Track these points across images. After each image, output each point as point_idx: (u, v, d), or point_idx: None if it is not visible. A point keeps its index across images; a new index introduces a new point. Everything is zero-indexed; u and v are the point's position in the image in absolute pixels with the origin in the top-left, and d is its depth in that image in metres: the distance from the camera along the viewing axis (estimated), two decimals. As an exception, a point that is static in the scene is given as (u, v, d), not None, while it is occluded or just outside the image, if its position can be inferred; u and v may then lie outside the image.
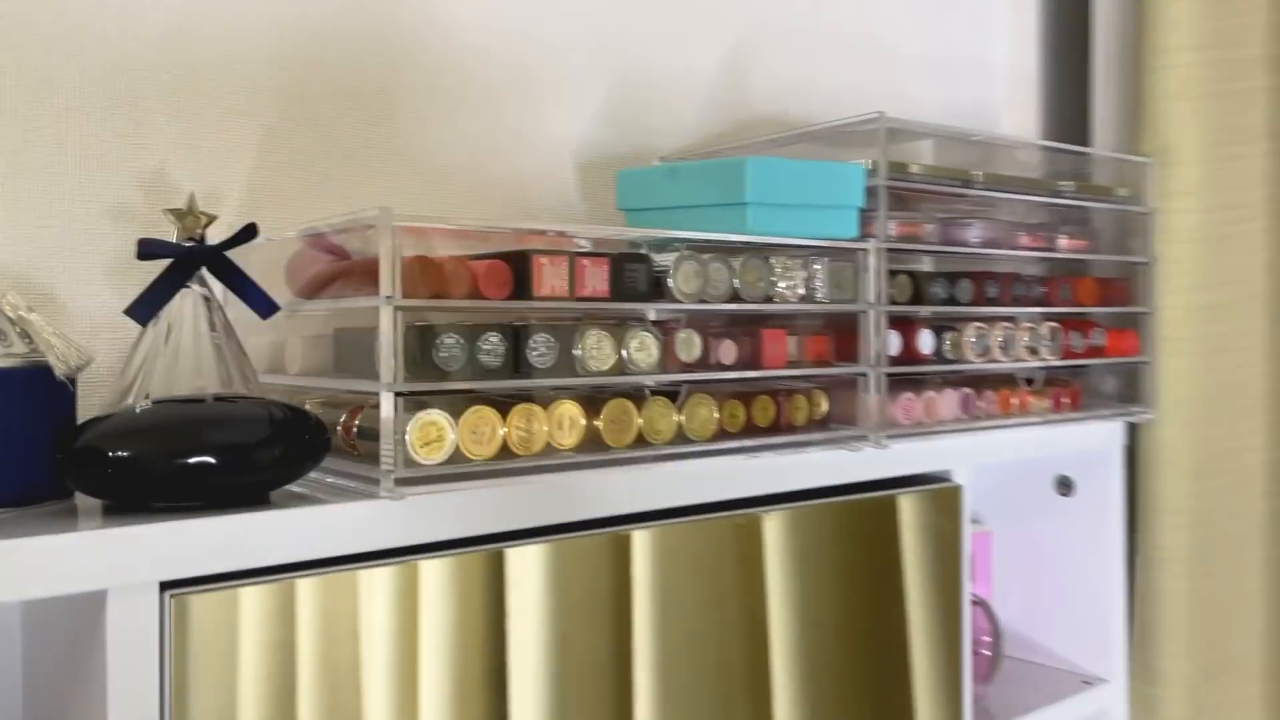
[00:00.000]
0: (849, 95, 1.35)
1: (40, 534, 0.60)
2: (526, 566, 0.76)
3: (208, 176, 0.93)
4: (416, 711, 0.71)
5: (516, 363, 0.76)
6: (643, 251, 0.86)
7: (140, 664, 0.63)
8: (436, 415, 0.72)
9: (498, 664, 0.75)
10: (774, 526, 0.90)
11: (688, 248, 0.87)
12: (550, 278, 0.77)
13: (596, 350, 0.80)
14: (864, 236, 0.98)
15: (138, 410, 0.66)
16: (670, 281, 0.84)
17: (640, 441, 0.83)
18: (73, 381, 0.70)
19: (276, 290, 0.82)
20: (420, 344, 0.72)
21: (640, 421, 0.83)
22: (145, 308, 0.75)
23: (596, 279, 0.80)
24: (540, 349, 0.77)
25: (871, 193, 0.98)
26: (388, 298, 0.69)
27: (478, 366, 0.75)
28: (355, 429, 0.76)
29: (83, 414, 0.72)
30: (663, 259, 0.84)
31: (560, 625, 0.77)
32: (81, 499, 0.71)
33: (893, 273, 1.00)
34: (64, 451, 0.65)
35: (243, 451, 0.67)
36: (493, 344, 0.75)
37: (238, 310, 0.80)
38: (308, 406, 0.82)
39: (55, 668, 0.72)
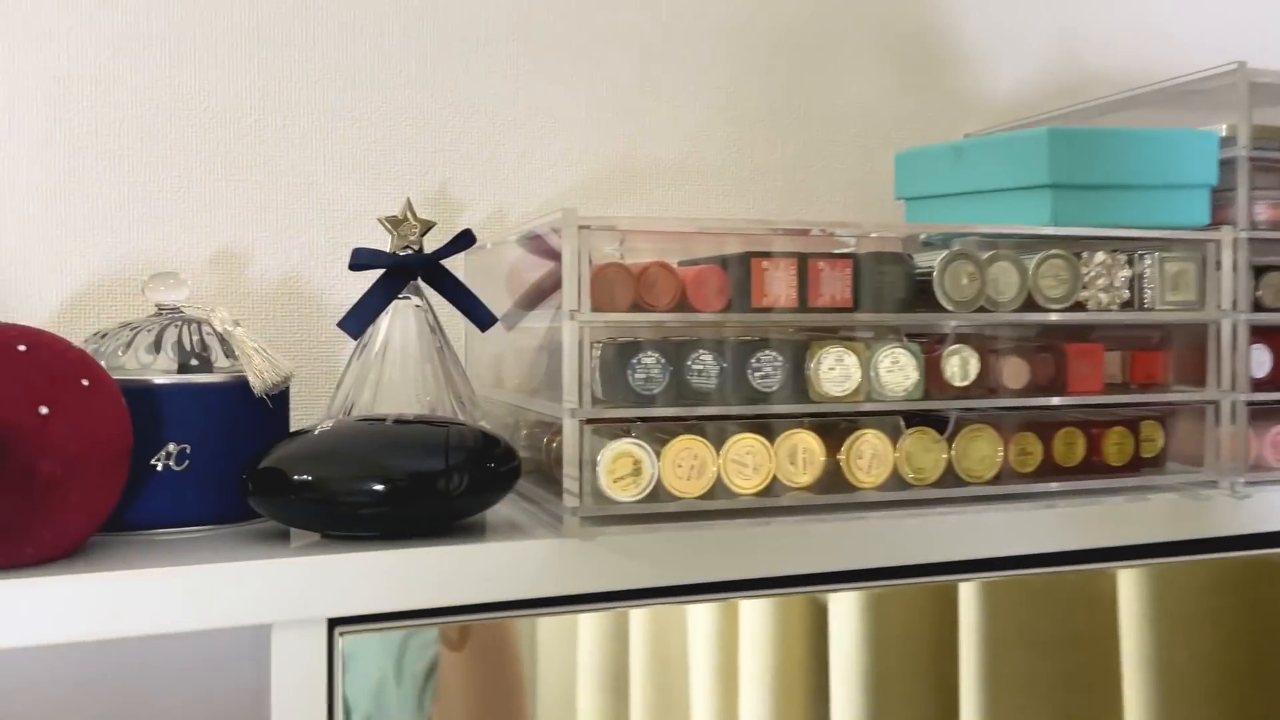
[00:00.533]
0: (1202, 48, 1.08)
1: (210, 561, 0.57)
2: (750, 621, 0.64)
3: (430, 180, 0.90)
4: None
5: (734, 385, 0.65)
6: (900, 251, 0.71)
7: (305, 705, 0.58)
8: (631, 446, 0.63)
9: (705, 739, 0.64)
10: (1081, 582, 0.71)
11: (962, 245, 0.70)
12: (775, 284, 0.65)
13: (834, 371, 0.66)
14: (1216, 224, 0.76)
15: (318, 431, 0.62)
16: (937, 287, 0.68)
17: (895, 481, 0.68)
18: (273, 399, 0.68)
19: (499, 300, 0.77)
20: (616, 363, 0.63)
21: (896, 456, 0.68)
22: (357, 320, 0.72)
23: (836, 285, 0.66)
24: (764, 369, 0.65)
25: (1228, 166, 0.75)
26: (571, 312, 0.61)
27: (686, 389, 0.64)
28: (553, 453, 0.68)
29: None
30: (925, 259, 0.69)
31: (773, 684, 0.65)
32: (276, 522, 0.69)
33: (1258, 270, 0.76)
34: (248, 472, 0.63)
35: (422, 480, 0.61)
36: (704, 363, 0.64)
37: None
38: (521, 427, 0.76)
39: (254, 699, 0.70)
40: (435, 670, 0.60)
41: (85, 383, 0.56)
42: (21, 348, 0.55)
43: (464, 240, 0.74)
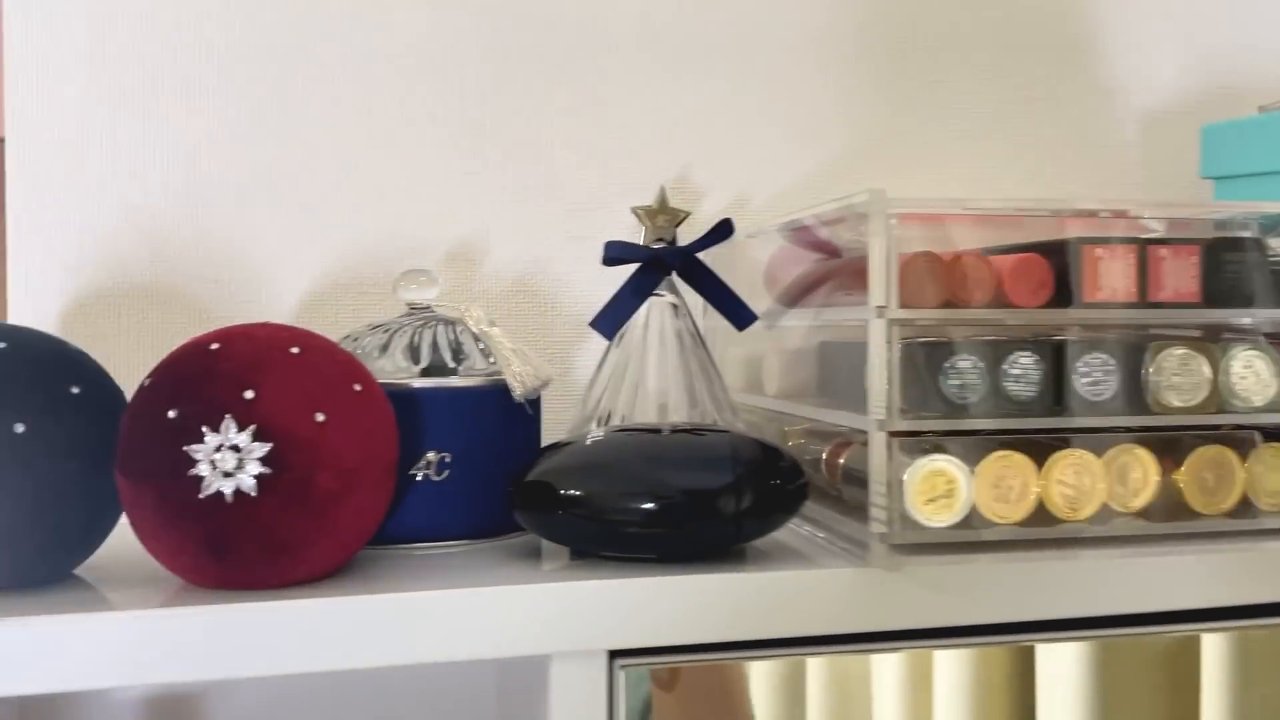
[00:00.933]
0: None
1: (479, 584, 0.52)
2: (1061, 668, 0.55)
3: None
4: None
5: (1058, 393, 0.56)
6: (1249, 235, 0.60)
7: (584, 743, 0.53)
8: (946, 463, 0.54)
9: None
10: None
11: (1326, 226, 0.59)
12: (1110, 275, 0.55)
13: (1179, 377, 0.56)
14: None
15: (589, 441, 0.57)
16: (1296, 276, 0.58)
17: (1244, 506, 0.58)
18: (533, 403, 0.64)
19: (753, 296, 0.70)
20: (925, 367, 0.55)
21: (1245, 478, 0.58)
22: (610, 320, 0.66)
23: (1180, 276, 0.56)
24: (1094, 374, 0.56)
25: None
26: (879, 308, 0.53)
27: (1003, 397, 0.55)
28: (840, 469, 0.60)
29: (549, 437, 0.65)
30: (1285, 244, 0.58)
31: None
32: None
33: None
34: (514, 485, 0.58)
35: (705, 498, 0.54)
36: (1024, 367, 0.55)
37: (710, 319, 0.69)
38: (788, 437, 0.69)
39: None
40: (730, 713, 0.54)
41: (358, 388, 0.52)
42: (295, 350, 0.51)
43: (723, 231, 0.67)
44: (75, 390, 0.51)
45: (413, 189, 0.80)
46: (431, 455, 0.60)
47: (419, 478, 0.60)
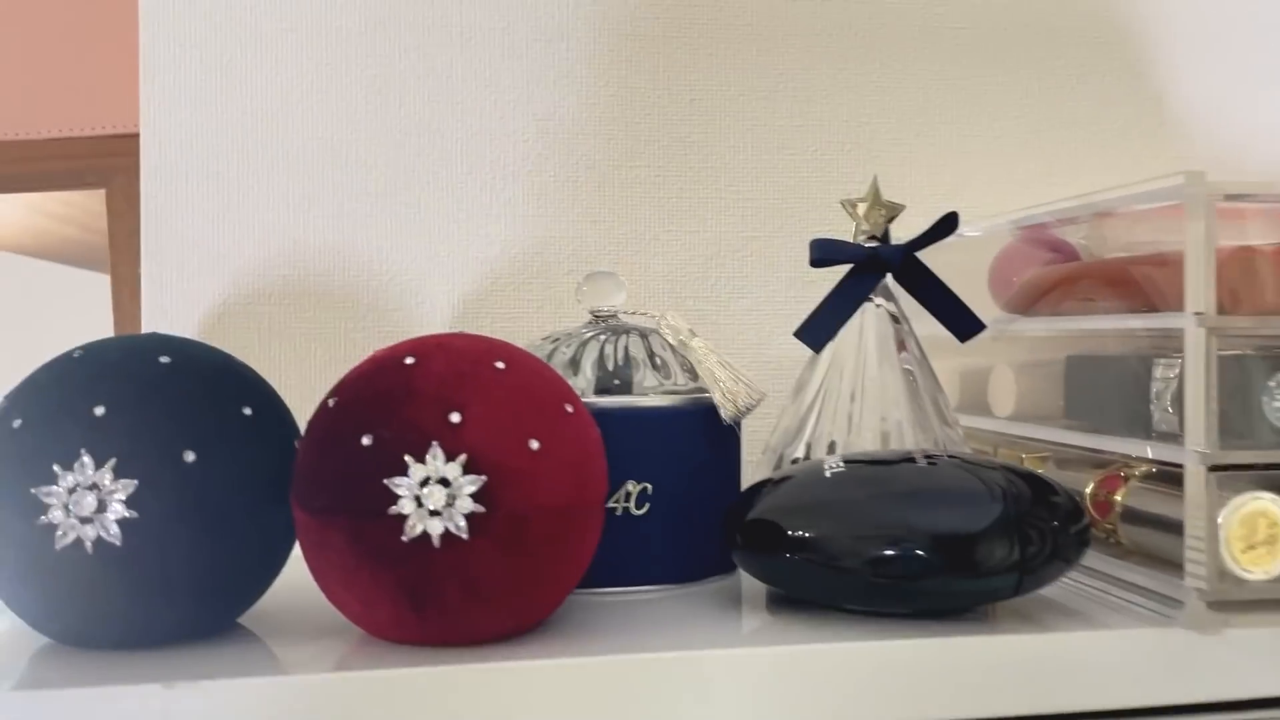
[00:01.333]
0: None
1: (693, 643, 0.44)
2: None
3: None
4: None
5: (1400, 417, 0.46)
6: None
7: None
8: (1270, 502, 0.45)
9: None
10: None
11: None
12: None
13: None
14: None
15: (828, 473, 0.48)
16: None
17: None
18: (735, 426, 0.55)
19: (973, 301, 0.61)
20: (1239, 386, 0.46)
21: None
22: (821, 329, 0.58)
23: None
24: None
25: None
26: (1197, 314, 0.44)
27: (1333, 423, 0.46)
28: (1117, 507, 0.51)
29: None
30: None
31: None
32: (746, 581, 0.55)
33: None
34: (733, 522, 0.50)
35: (966, 545, 0.46)
36: (1360, 387, 0.46)
37: (923, 326, 0.60)
38: (1026, 464, 0.60)
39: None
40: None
41: (569, 409, 0.44)
42: (499, 365, 0.43)
43: (947, 226, 0.58)
44: (247, 412, 0.44)
45: (574, 187, 0.73)
46: (631, 486, 0.52)
47: (618, 511, 0.52)
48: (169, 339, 0.45)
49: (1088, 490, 0.53)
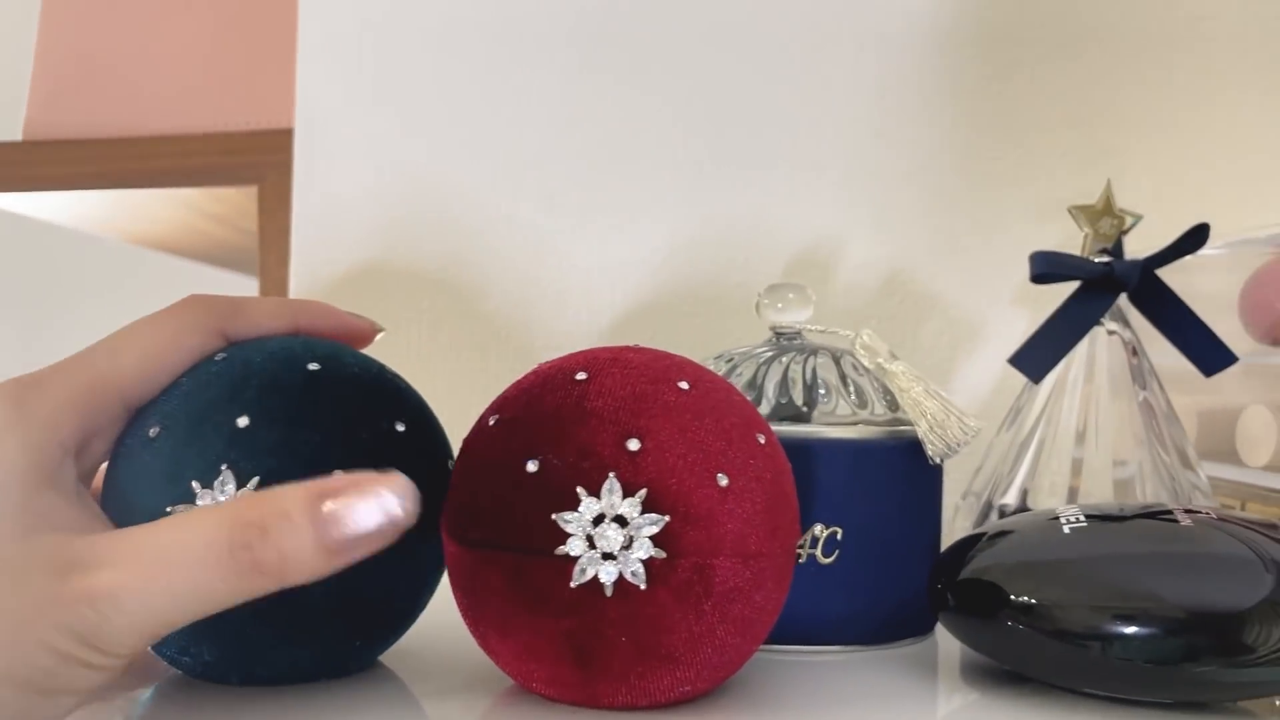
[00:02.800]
0: None
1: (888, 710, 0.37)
2: None
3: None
4: None
5: None
6: None
7: None
8: None
9: None
10: None
11: None
12: None
13: None
14: None
15: (1066, 529, 0.40)
16: None
17: None
18: (942, 462, 0.48)
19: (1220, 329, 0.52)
20: None
21: None
22: (1041, 357, 0.50)
23: None
24: None
25: None
26: None
27: None
28: None
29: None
30: None
31: None
32: (949, 640, 0.48)
33: None
34: (940, 577, 0.42)
35: (1236, 624, 0.37)
36: None
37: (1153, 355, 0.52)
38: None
39: None
40: None
41: (761, 440, 0.38)
42: (683, 385, 0.37)
43: (1196, 238, 0.50)
44: (400, 427, 0.39)
45: (746, 187, 0.67)
46: (819, 529, 0.45)
47: (802, 558, 0.45)
48: (316, 344, 0.41)
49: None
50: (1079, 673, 0.39)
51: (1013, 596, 0.40)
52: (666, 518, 0.34)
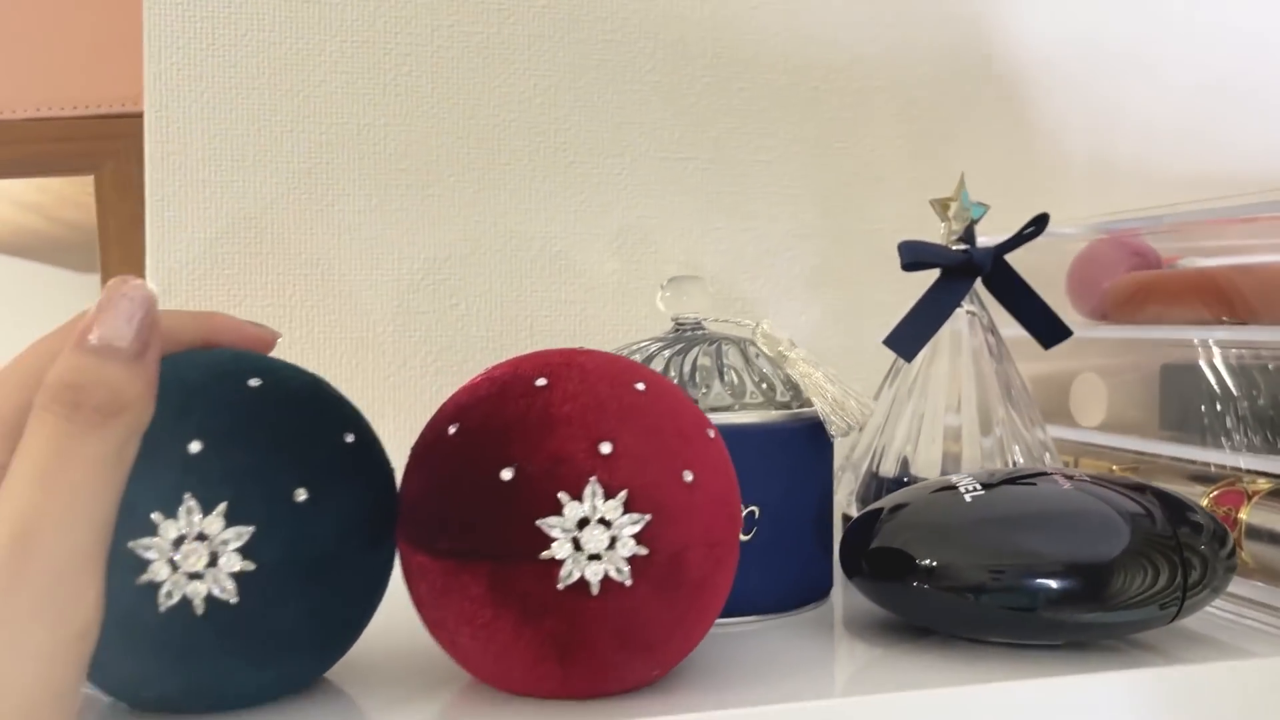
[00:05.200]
0: None
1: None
2: None
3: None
4: None
5: None
6: None
7: None
8: None
9: None
10: None
11: None
12: None
13: None
14: None
15: (968, 497, 0.45)
16: None
17: None
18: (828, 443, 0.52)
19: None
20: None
21: None
22: (912, 336, 0.55)
23: None
24: None
25: None
26: (1361, 330, 0.42)
27: None
28: (1242, 525, 0.50)
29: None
30: None
31: None
32: (848, 605, 0.52)
33: None
34: (852, 547, 0.47)
35: (1105, 574, 0.43)
36: None
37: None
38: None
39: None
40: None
41: (711, 434, 0.40)
42: (639, 386, 0.39)
43: (1037, 227, 0.56)
44: (350, 438, 0.39)
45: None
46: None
47: (725, 537, 0.48)
48: (244, 356, 0.39)
49: (1205, 504, 0.51)
50: (977, 624, 0.45)
51: (918, 560, 0.44)
52: (649, 516, 0.36)
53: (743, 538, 0.48)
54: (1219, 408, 0.52)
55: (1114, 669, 0.42)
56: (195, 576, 0.33)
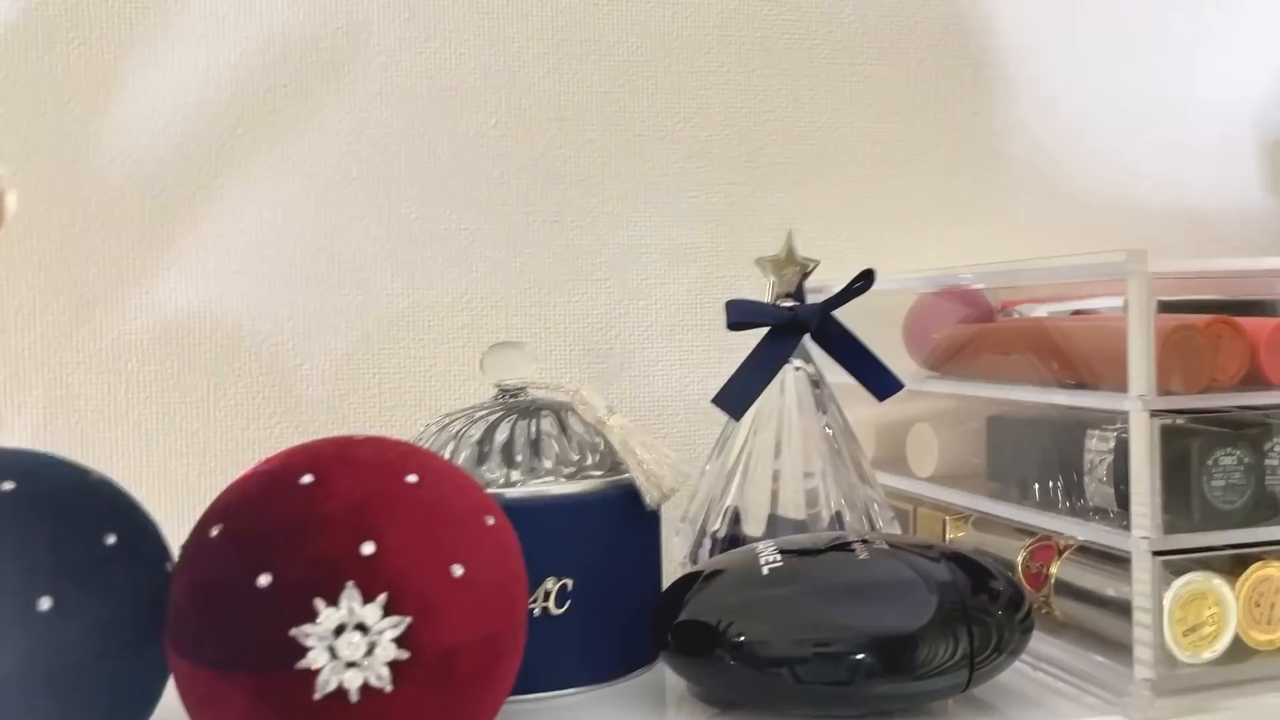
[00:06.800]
0: None
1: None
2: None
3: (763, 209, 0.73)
4: None
5: (1324, 488, 0.47)
6: None
7: None
8: (1211, 582, 0.45)
9: None
10: None
11: None
12: (1385, 347, 0.46)
13: None
14: None
15: (765, 568, 0.45)
16: None
17: None
18: (655, 511, 0.52)
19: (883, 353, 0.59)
20: (1176, 463, 0.45)
21: None
22: (740, 396, 0.55)
23: None
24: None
25: None
26: (1141, 397, 0.43)
27: (1265, 498, 0.46)
28: (1051, 580, 0.50)
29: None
30: None
31: None
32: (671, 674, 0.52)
33: None
34: (660, 621, 0.46)
35: (904, 646, 0.43)
36: (1286, 458, 0.46)
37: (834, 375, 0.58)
38: (950, 530, 0.58)
39: None
40: None
41: (490, 521, 0.40)
42: (411, 478, 0.38)
43: (864, 283, 0.56)
44: (111, 540, 0.38)
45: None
46: (550, 584, 0.48)
47: (536, 612, 0.47)
48: (6, 457, 0.38)
49: (1019, 559, 0.52)
50: (782, 698, 0.44)
51: (723, 636, 0.44)
52: (409, 618, 0.35)
53: (555, 611, 0.48)
54: (1042, 461, 0.52)
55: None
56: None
